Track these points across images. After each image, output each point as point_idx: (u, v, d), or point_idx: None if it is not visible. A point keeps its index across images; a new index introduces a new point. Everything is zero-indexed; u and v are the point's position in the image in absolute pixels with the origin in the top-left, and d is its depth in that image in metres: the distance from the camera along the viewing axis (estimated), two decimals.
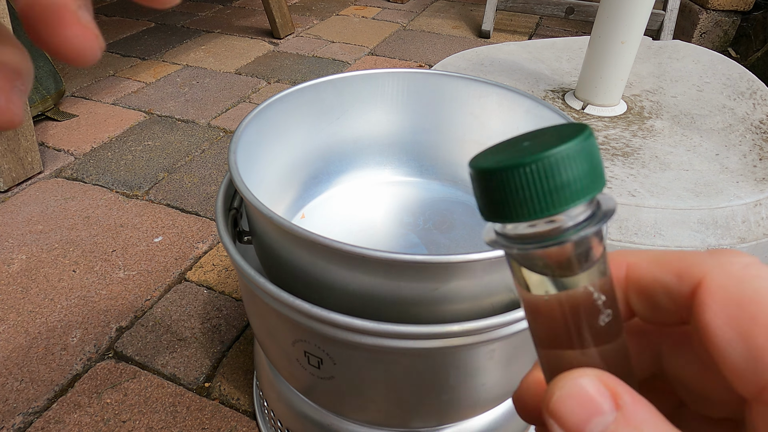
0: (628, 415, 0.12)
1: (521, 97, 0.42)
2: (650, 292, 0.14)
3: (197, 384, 0.52)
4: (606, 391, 0.12)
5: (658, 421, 0.12)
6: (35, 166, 0.82)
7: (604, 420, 0.12)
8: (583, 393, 0.12)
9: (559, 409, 0.12)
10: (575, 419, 0.12)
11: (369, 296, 0.28)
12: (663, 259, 0.14)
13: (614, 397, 0.12)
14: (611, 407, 0.12)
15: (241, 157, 0.34)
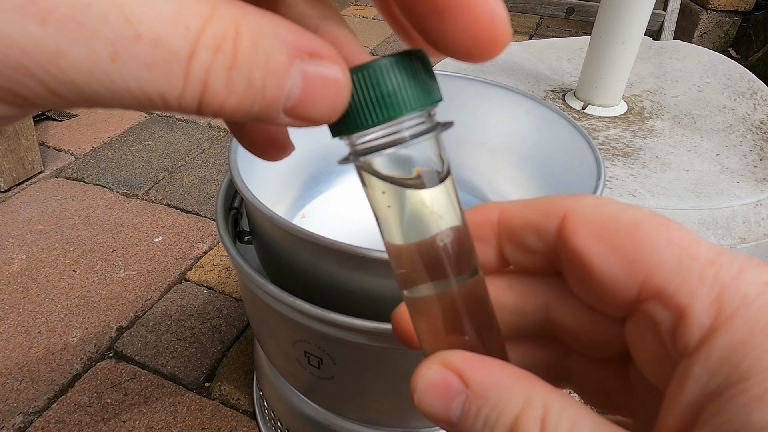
0: (474, 387, 0.13)
1: (521, 97, 0.42)
2: (520, 234, 0.15)
3: (197, 384, 0.52)
4: (450, 373, 0.13)
5: (503, 379, 0.13)
6: (35, 165, 0.82)
7: (460, 400, 0.13)
8: (433, 385, 0.13)
9: (423, 408, 0.14)
10: (437, 410, 0.13)
11: (369, 296, 0.28)
12: (530, 203, 0.15)
13: (460, 376, 0.13)
14: (461, 386, 0.13)
15: (241, 157, 0.34)
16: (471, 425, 0.13)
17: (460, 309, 0.14)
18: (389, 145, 0.13)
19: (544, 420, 0.12)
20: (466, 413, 0.13)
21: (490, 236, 0.16)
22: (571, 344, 0.16)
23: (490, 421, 0.13)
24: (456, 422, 0.13)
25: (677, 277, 0.12)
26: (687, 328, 0.12)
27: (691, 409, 0.11)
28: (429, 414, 0.14)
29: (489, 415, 0.13)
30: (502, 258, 0.16)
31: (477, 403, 0.13)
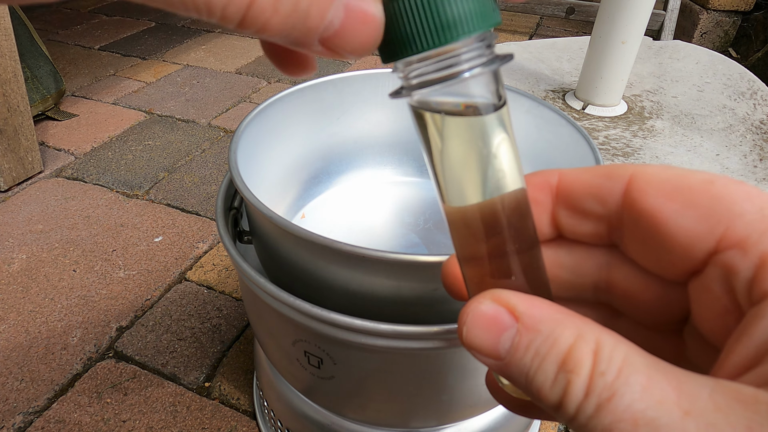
0: (526, 321, 0.13)
1: (521, 97, 0.42)
2: (580, 198, 0.15)
3: (197, 384, 0.52)
4: (501, 308, 0.13)
5: (554, 315, 0.13)
6: (35, 165, 0.82)
7: (510, 334, 0.13)
8: (483, 318, 0.13)
9: (471, 341, 0.14)
10: (486, 343, 0.13)
11: (369, 296, 0.28)
12: (591, 168, 0.15)
13: (511, 311, 0.13)
14: (511, 320, 0.13)
15: (242, 157, 0.34)
16: (520, 357, 0.13)
17: (511, 257, 0.14)
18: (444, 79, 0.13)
19: (597, 352, 0.12)
20: (516, 346, 0.13)
21: (546, 200, 0.16)
22: (625, 310, 0.16)
23: (541, 353, 0.12)
24: (504, 355, 0.13)
25: (761, 225, 0.12)
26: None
27: (761, 347, 0.11)
28: (476, 347, 0.14)
29: (540, 346, 0.12)
30: (554, 225, 0.16)
31: (528, 336, 0.13)
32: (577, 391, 0.12)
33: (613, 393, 0.11)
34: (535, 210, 0.16)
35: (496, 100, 0.14)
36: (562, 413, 0.12)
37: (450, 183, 0.14)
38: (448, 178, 0.14)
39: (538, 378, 0.12)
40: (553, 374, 0.12)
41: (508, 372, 0.13)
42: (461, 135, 0.14)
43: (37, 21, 1.46)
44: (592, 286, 0.16)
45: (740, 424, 0.10)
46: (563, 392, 0.12)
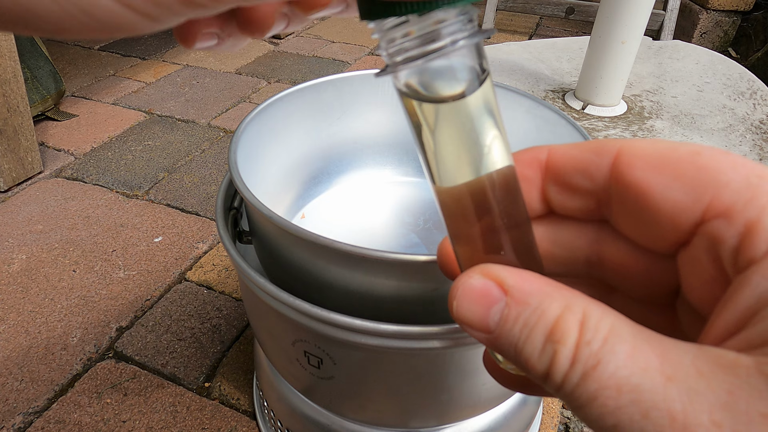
0: (515, 294, 0.13)
1: (521, 97, 0.42)
2: (569, 173, 0.16)
3: (197, 384, 0.52)
4: (491, 282, 0.14)
5: (543, 287, 0.13)
6: (35, 166, 0.82)
7: (499, 307, 0.13)
8: (473, 292, 0.14)
9: (461, 314, 0.14)
10: (476, 317, 0.14)
11: (369, 296, 0.28)
12: (580, 144, 0.16)
13: (500, 285, 0.13)
14: (500, 294, 0.13)
15: (241, 157, 0.34)
16: (509, 329, 0.13)
17: (501, 233, 0.15)
18: (427, 53, 0.13)
19: (583, 322, 0.12)
20: (505, 318, 0.13)
21: (536, 176, 0.16)
22: (618, 285, 0.16)
23: (529, 324, 0.13)
24: (494, 328, 0.13)
25: (746, 194, 0.13)
26: (754, 241, 0.12)
27: (745, 312, 0.12)
28: (466, 321, 0.14)
29: (529, 318, 0.13)
30: (545, 201, 0.16)
31: (517, 309, 0.13)
32: (563, 361, 0.12)
33: (598, 361, 0.11)
34: (525, 186, 0.16)
35: (480, 75, 0.14)
36: (549, 383, 0.12)
37: (439, 163, 0.14)
38: (437, 158, 0.14)
39: (526, 349, 0.13)
40: (540, 345, 0.12)
41: (498, 344, 0.13)
42: (447, 115, 0.14)
43: None
44: (584, 262, 0.17)
45: (721, 389, 0.10)
46: (550, 362, 0.12)
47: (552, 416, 0.50)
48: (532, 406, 0.44)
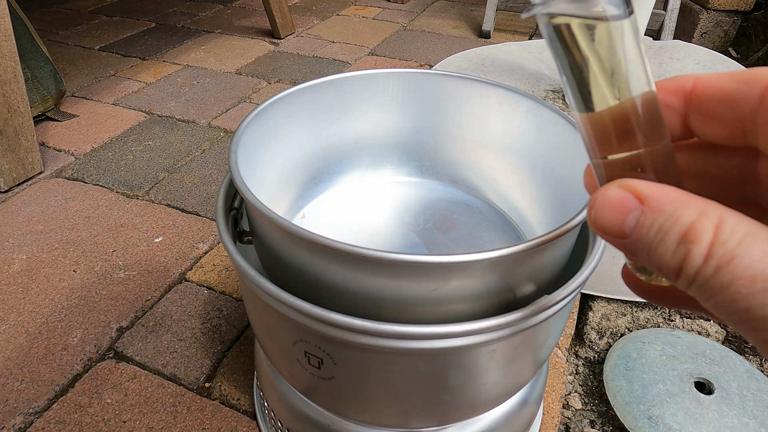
0: (651, 202, 0.14)
1: (522, 97, 0.42)
2: (713, 104, 0.16)
3: (197, 384, 0.52)
4: (628, 193, 0.15)
5: (679, 197, 0.14)
6: (36, 166, 0.82)
7: (635, 214, 0.15)
8: (610, 201, 0.15)
9: (598, 222, 0.15)
10: (613, 224, 0.15)
11: (369, 296, 0.28)
12: (728, 73, 0.16)
13: (637, 196, 0.15)
14: (637, 204, 0.15)
15: (242, 157, 0.34)
16: (644, 234, 0.14)
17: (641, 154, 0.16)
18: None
19: (719, 226, 0.13)
20: (641, 224, 0.14)
21: (679, 104, 0.17)
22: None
23: (664, 228, 0.14)
24: (629, 233, 0.15)
25: None
26: None
27: None
28: (603, 227, 0.15)
29: (664, 223, 0.14)
30: (686, 128, 0.17)
31: (652, 215, 0.14)
32: (696, 257, 0.13)
33: (734, 257, 0.13)
34: (668, 114, 0.17)
35: (628, 5, 0.15)
36: (682, 277, 0.14)
37: (592, 86, 0.16)
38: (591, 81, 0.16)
39: (659, 249, 0.14)
40: (674, 245, 0.14)
41: (631, 248, 0.15)
42: (602, 41, 0.15)
43: (37, 21, 1.46)
44: (738, 181, 0.17)
45: None
46: (683, 259, 0.14)
47: (552, 416, 0.50)
48: (532, 406, 0.44)
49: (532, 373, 0.36)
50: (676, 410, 0.51)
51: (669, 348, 0.58)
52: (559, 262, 0.32)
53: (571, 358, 0.63)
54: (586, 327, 0.63)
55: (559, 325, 0.34)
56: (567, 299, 0.29)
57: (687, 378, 0.54)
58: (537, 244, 0.27)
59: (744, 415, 0.51)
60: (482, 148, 0.46)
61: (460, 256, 0.26)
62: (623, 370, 0.56)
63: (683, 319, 0.63)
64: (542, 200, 0.43)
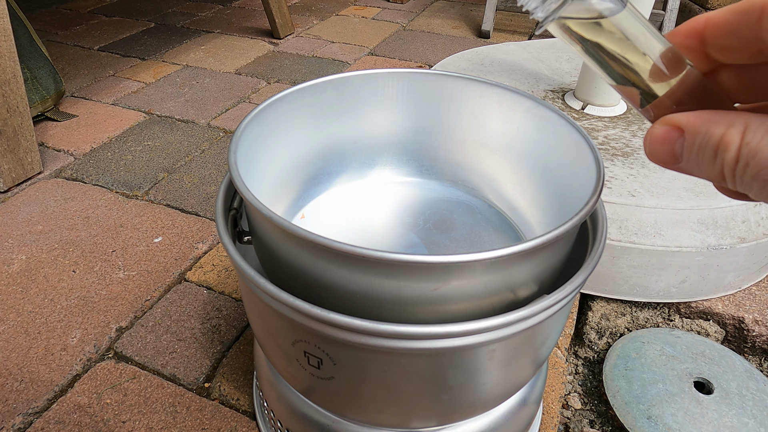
0: (688, 129, 0.18)
1: (521, 97, 0.42)
2: (723, 38, 0.19)
3: (197, 384, 0.52)
4: (669, 126, 0.18)
5: (711, 117, 0.17)
6: (35, 166, 0.82)
7: (680, 143, 0.18)
8: (657, 138, 0.19)
9: (654, 156, 0.19)
10: (665, 155, 0.19)
11: (369, 296, 0.28)
12: (730, 6, 0.18)
13: (676, 127, 0.18)
14: (678, 133, 0.18)
15: (241, 157, 0.34)
16: (691, 156, 0.18)
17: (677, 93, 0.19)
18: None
19: (744, 132, 0.16)
20: (687, 149, 0.18)
21: (696, 44, 0.20)
22: None
23: (702, 146, 0.17)
24: (681, 159, 0.18)
25: None
26: None
27: None
28: (659, 160, 0.19)
29: (701, 142, 0.17)
30: (711, 61, 0.20)
31: (691, 139, 0.18)
32: (729, 161, 0.16)
33: (756, 152, 0.16)
34: (690, 54, 0.20)
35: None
36: (728, 181, 0.17)
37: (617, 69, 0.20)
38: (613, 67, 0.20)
39: (704, 164, 0.17)
40: (712, 157, 0.17)
41: (687, 169, 0.18)
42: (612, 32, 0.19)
43: (36, 22, 1.46)
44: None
45: None
46: (721, 166, 0.17)
47: (552, 416, 0.50)
48: (532, 406, 0.44)
49: (532, 373, 0.36)
50: (675, 410, 0.51)
51: (668, 348, 0.58)
52: (558, 262, 0.32)
53: (570, 358, 0.63)
54: (586, 327, 0.63)
55: (558, 325, 0.35)
56: (567, 299, 0.29)
57: (686, 378, 0.54)
58: (537, 244, 0.27)
59: (743, 414, 0.51)
60: (482, 148, 0.46)
61: (460, 256, 0.26)
62: (623, 370, 0.56)
63: (683, 319, 0.63)
64: (542, 200, 0.43)
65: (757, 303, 0.62)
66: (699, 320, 0.63)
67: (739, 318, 0.60)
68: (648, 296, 0.61)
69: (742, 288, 0.64)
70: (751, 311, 0.61)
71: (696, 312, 0.62)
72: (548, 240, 0.27)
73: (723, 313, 0.61)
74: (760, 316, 0.60)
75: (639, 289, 0.61)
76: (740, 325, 0.61)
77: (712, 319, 0.62)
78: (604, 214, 0.35)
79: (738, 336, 0.61)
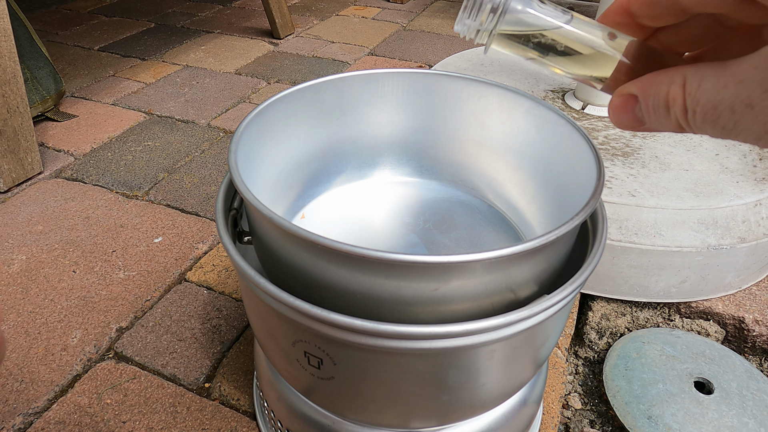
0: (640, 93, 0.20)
1: (521, 97, 0.42)
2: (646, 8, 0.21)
3: (197, 384, 0.52)
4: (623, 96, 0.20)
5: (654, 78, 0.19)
6: (35, 166, 0.82)
7: (638, 107, 0.20)
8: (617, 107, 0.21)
9: (619, 123, 0.21)
10: (628, 121, 0.21)
11: (369, 296, 0.28)
12: None
13: (630, 94, 0.20)
14: (633, 100, 0.20)
15: (241, 157, 0.34)
16: (650, 116, 0.20)
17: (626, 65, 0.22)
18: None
19: (684, 85, 0.18)
20: (645, 111, 0.20)
21: (627, 20, 0.22)
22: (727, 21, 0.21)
23: (656, 106, 0.19)
24: (642, 120, 0.20)
25: None
26: None
27: None
28: (627, 125, 0.21)
29: (654, 103, 0.19)
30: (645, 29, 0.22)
31: (645, 102, 0.20)
32: (679, 113, 0.18)
33: (698, 100, 0.18)
34: (626, 29, 0.22)
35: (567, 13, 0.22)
36: (685, 127, 0.19)
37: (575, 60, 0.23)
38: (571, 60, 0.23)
39: (663, 121, 0.19)
40: (665, 113, 0.19)
41: (653, 127, 0.20)
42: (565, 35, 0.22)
43: (36, 22, 1.46)
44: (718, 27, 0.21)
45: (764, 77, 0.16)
46: (675, 118, 0.19)
47: (552, 416, 0.50)
48: (532, 406, 0.44)
49: (532, 373, 0.36)
50: (675, 410, 0.51)
51: (668, 348, 0.58)
52: (558, 262, 0.32)
53: (570, 358, 0.63)
54: (586, 327, 0.63)
55: (558, 325, 0.35)
56: (567, 299, 0.29)
57: (686, 378, 0.54)
58: (537, 245, 0.27)
59: (743, 414, 0.51)
60: (482, 148, 0.46)
61: (460, 256, 0.26)
62: (623, 370, 0.56)
63: (683, 319, 0.63)
64: (541, 200, 0.43)
65: (757, 303, 0.62)
66: (699, 320, 0.63)
67: (739, 318, 0.60)
68: (648, 296, 0.61)
69: (743, 288, 0.63)
70: (751, 311, 0.61)
71: (696, 312, 0.62)
72: (548, 240, 0.27)
73: (723, 313, 0.61)
74: (761, 316, 0.60)
75: (639, 289, 0.61)
76: (740, 325, 0.61)
77: (712, 319, 0.62)
78: (604, 214, 0.35)
79: (738, 336, 0.61)
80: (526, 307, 0.28)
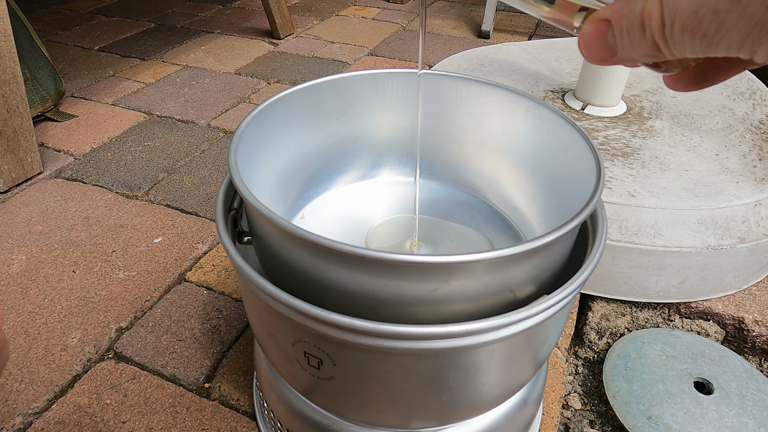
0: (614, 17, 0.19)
1: (521, 97, 0.42)
2: None
3: (197, 385, 0.52)
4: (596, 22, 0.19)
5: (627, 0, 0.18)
6: (35, 166, 0.82)
7: (611, 32, 0.19)
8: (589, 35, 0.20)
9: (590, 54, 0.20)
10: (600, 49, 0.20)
11: (369, 296, 0.28)
12: None
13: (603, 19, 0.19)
14: (606, 25, 0.19)
15: (241, 157, 0.34)
16: (623, 41, 0.19)
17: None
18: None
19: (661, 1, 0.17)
20: (618, 36, 0.19)
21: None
22: None
23: (630, 26, 0.18)
24: (615, 47, 0.19)
25: None
26: None
27: None
28: (598, 56, 0.20)
29: (628, 24, 0.18)
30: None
31: (618, 24, 0.19)
32: (657, 29, 0.17)
33: (676, 9, 0.16)
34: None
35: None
36: (664, 51, 0.18)
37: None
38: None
39: (639, 43, 0.18)
40: (640, 32, 0.18)
41: (625, 55, 0.19)
42: None
43: (36, 22, 1.46)
44: None
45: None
46: (651, 36, 0.18)
47: (552, 416, 0.50)
48: (532, 406, 0.44)
49: (532, 374, 0.36)
50: (675, 410, 0.51)
51: (668, 348, 0.58)
52: (558, 262, 0.32)
53: (570, 358, 0.63)
54: (586, 327, 0.63)
55: (558, 326, 0.35)
56: (567, 299, 0.29)
57: (686, 378, 0.54)
58: (537, 245, 0.27)
59: (743, 414, 0.51)
60: (482, 148, 0.46)
61: (460, 256, 0.26)
62: (623, 370, 0.56)
63: (683, 319, 0.63)
64: (542, 200, 0.43)
65: (757, 303, 0.62)
66: (699, 320, 0.63)
67: (739, 318, 0.60)
68: (648, 296, 0.61)
69: (742, 288, 0.64)
70: (751, 311, 0.61)
71: (696, 312, 0.62)
72: (548, 240, 0.27)
73: (723, 313, 0.61)
74: (760, 316, 0.60)
75: (639, 290, 0.61)
76: (740, 326, 0.61)
77: (712, 319, 0.62)
78: (604, 214, 0.35)
79: (738, 336, 0.61)
80: (526, 307, 0.28)
